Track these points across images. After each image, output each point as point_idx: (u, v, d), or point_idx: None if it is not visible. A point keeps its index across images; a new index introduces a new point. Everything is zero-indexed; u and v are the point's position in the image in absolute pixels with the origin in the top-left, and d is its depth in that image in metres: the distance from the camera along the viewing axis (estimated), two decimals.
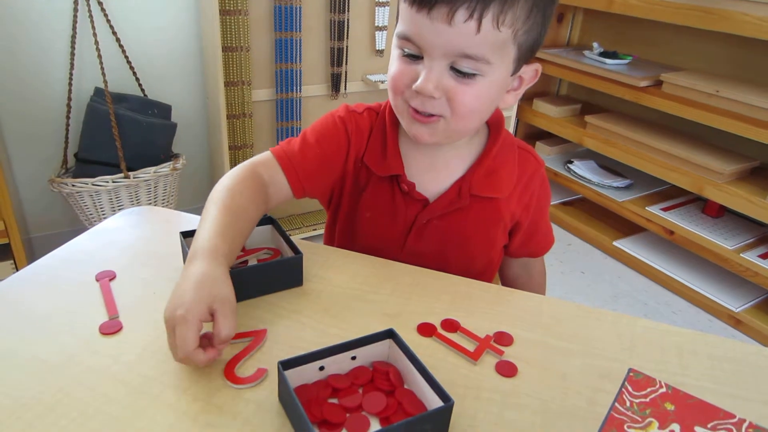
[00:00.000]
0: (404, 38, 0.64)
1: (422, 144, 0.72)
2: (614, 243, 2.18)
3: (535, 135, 2.72)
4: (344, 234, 0.82)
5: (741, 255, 1.81)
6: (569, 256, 2.20)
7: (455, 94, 0.64)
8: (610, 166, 2.41)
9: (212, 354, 0.53)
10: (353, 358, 0.55)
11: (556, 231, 2.37)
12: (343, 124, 0.77)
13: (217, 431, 0.49)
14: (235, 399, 0.52)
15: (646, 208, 2.10)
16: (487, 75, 0.63)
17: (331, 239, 0.87)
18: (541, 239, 0.87)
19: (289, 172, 0.74)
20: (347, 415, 0.50)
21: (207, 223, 0.62)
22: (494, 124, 0.78)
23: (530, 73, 0.70)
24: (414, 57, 0.65)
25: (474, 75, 0.63)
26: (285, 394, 0.50)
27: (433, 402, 0.50)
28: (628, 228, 2.24)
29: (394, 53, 0.68)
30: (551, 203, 2.45)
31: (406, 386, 0.54)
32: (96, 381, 0.53)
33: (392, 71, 0.68)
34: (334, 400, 0.52)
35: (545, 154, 2.61)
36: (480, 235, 0.79)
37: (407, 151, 0.76)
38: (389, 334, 0.56)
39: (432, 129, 0.68)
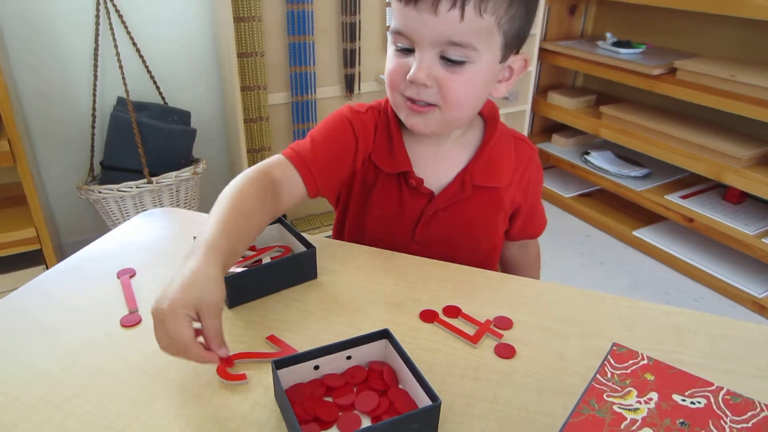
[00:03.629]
0: (396, 33, 0.68)
1: (420, 134, 0.75)
2: (634, 233, 2.17)
3: (550, 127, 2.72)
4: (354, 230, 0.85)
5: (763, 240, 1.79)
6: (588, 248, 2.20)
7: (446, 82, 0.67)
8: (628, 156, 2.39)
9: (210, 355, 0.54)
10: (348, 357, 0.56)
11: (575, 223, 2.37)
12: (350, 124, 0.78)
13: (229, 410, 0.52)
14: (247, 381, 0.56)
15: (665, 196, 2.09)
16: (476, 62, 0.67)
17: (340, 236, 0.89)
18: (538, 220, 0.91)
19: (303, 171, 0.74)
20: (339, 413, 0.52)
21: (213, 220, 0.62)
22: (490, 117, 0.81)
23: (519, 63, 0.73)
24: (406, 51, 0.68)
25: (463, 63, 0.66)
26: (278, 392, 0.52)
27: (425, 402, 0.50)
28: (647, 217, 2.23)
29: (390, 51, 0.71)
30: (568, 195, 2.45)
31: (400, 386, 0.55)
32: (118, 368, 0.57)
33: (388, 68, 0.72)
34: (329, 399, 0.53)
35: (561, 146, 2.60)
36: (483, 222, 0.82)
37: (411, 145, 0.79)
38: (384, 334, 0.57)
39: (427, 119, 0.71)
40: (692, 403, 0.41)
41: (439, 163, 0.79)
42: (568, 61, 2.34)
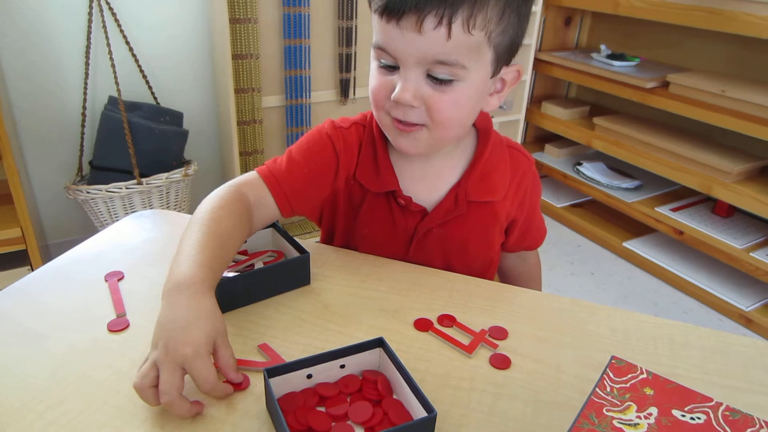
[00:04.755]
0: (379, 48, 0.64)
1: (409, 155, 0.72)
2: (624, 244, 2.18)
3: (544, 138, 2.73)
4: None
5: (751, 254, 1.80)
6: (579, 258, 2.20)
7: (434, 102, 0.64)
8: (619, 168, 2.40)
9: (229, 387, 0.53)
10: (342, 366, 0.55)
11: (566, 233, 2.37)
12: (330, 141, 0.75)
13: (218, 420, 0.51)
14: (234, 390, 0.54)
15: (656, 208, 2.10)
16: (465, 80, 0.63)
17: None
18: (535, 233, 0.88)
19: (276, 192, 0.72)
20: (333, 423, 0.50)
21: (191, 249, 0.59)
22: (482, 127, 0.78)
23: (512, 74, 0.70)
24: (391, 68, 0.65)
25: (451, 81, 0.63)
26: (269, 401, 0.51)
27: (420, 412, 0.49)
28: (637, 229, 2.24)
29: (373, 66, 0.68)
30: (560, 205, 2.46)
31: (395, 396, 0.54)
32: (103, 375, 0.56)
33: (372, 85, 0.68)
34: (322, 409, 0.52)
35: (554, 156, 2.62)
36: (479, 238, 0.80)
37: (399, 162, 0.76)
38: (379, 342, 0.56)
39: (415, 139, 0.68)
40: (692, 418, 0.40)
41: (429, 178, 0.76)
42: (563, 72, 2.35)
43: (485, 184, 0.76)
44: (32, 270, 1.69)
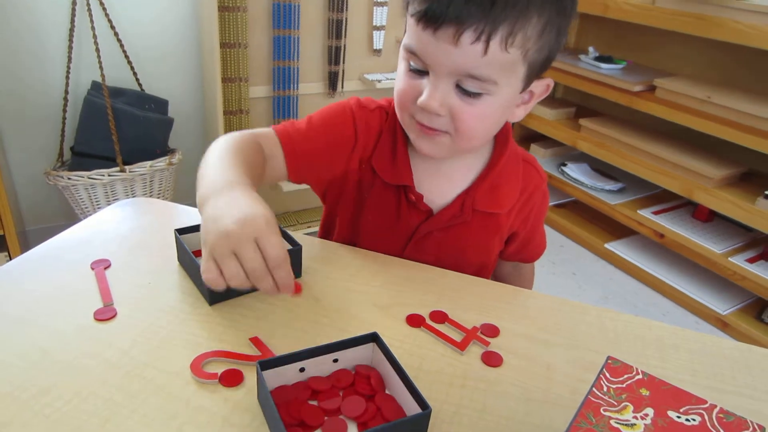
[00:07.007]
0: (410, 52, 0.63)
1: (428, 157, 0.72)
2: (606, 245, 2.20)
3: (529, 137, 2.74)
4: (345, 234, 0.81)
5: (729, 259, 1.83)
6: (561, 258, 2.22)
7: (460, 113, 0.63)
8: (603, 170, 2.43)
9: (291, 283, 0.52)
10: (335, 360, 0.55)
11: (549, 233, 2.39)
12: (352, 118, 0.74)
13: (209, 412, 0.50)
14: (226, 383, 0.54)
15: (638, 211, 2.13)
16: (494, 94, 0.62)
17: (328, 236, 0.85)
18: (535, 247, 0.88)
19: (288, 152, 0.71)
20: (325, 417, 0.50)
21: (218, 167, 0.58)
22: (501, 135, 0.77)
23: (542, 87, 0.69)
24: (420, 72, 0.64)
25: (480, 94, 0.62)
26: (262, 394, 0.50)
27: (413, 408, 0.49)
28: (619, 231, 2.26)
29: (401, 66, 0.67)
30: None
31: (387, 391, 0.54)
32: (90, 365, 0.54)
33: (398, 87, 0.67)
34: (315, 402, 0.52)
35: (539, 156, 2.63)
36: (477, 246, 0.80)
37: (414, 158, 0.75)
38: (373, 337, 0.55)
39: (437, 145, 0.68)
40: (687, 420, 0.40)
41: (441, 179, 0.76)
42: (550, 72, 2.33)
43: (493, 196, 0.76)
44: (9, 256, 1.65)
